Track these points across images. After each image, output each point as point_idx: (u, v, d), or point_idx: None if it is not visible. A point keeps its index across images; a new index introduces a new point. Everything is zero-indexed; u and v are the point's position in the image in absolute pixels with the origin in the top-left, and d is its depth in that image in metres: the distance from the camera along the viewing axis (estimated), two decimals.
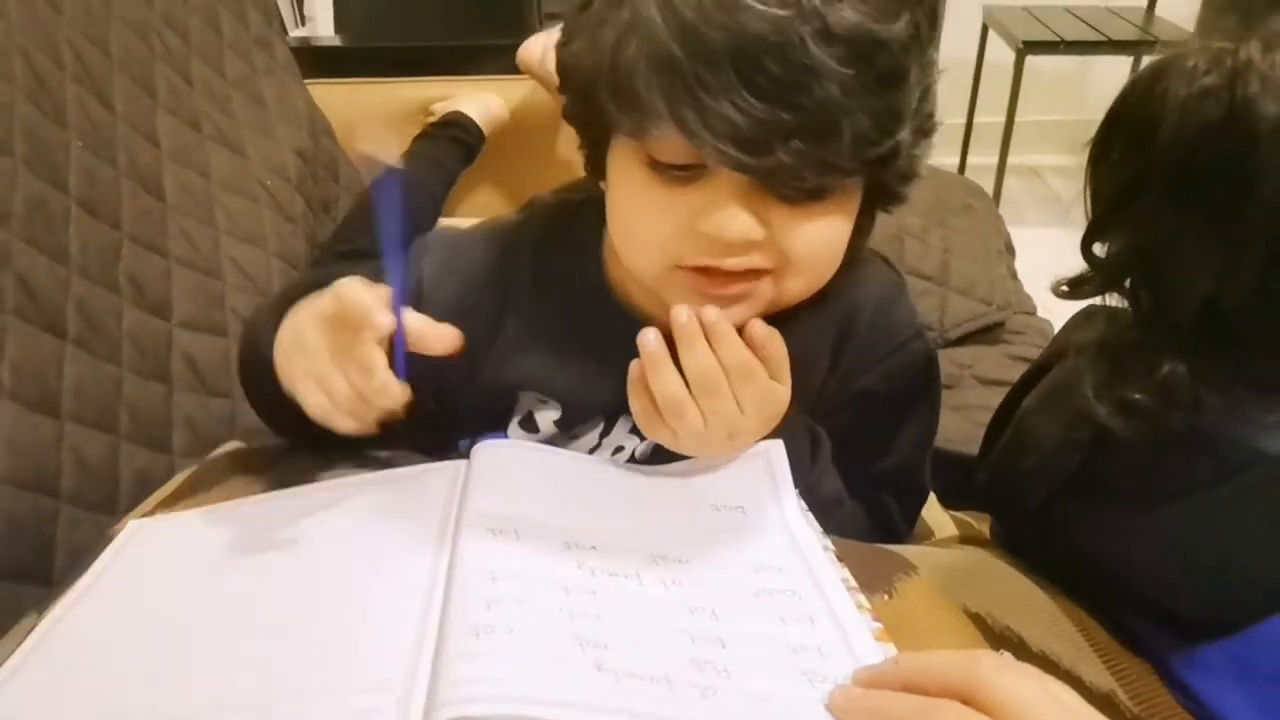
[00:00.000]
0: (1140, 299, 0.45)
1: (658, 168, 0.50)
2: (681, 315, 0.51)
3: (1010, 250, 1.31)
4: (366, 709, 0.37)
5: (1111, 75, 2.61)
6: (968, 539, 0.75)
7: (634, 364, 0.52)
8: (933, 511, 0.78)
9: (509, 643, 0.41)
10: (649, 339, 0.51)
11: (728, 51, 0.44)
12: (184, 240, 0.93)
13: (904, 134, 0.50)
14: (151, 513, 0.60)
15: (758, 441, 0.57)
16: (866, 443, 0.65)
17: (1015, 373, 1.10)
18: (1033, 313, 1.22)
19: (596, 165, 0.57)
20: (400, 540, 0.51)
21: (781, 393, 0.54)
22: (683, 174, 0.50)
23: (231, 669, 0.42)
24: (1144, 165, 0.42)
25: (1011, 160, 2.75)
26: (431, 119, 1.49)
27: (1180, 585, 0.49)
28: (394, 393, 0.49)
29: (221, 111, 1.11)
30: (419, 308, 0.60)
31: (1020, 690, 0.35)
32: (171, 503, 0.62)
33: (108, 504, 0.75)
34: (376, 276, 0.52)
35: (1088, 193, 0.46)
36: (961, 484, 0.74)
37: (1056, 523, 0.55)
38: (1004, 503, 0.63)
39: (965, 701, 0.35)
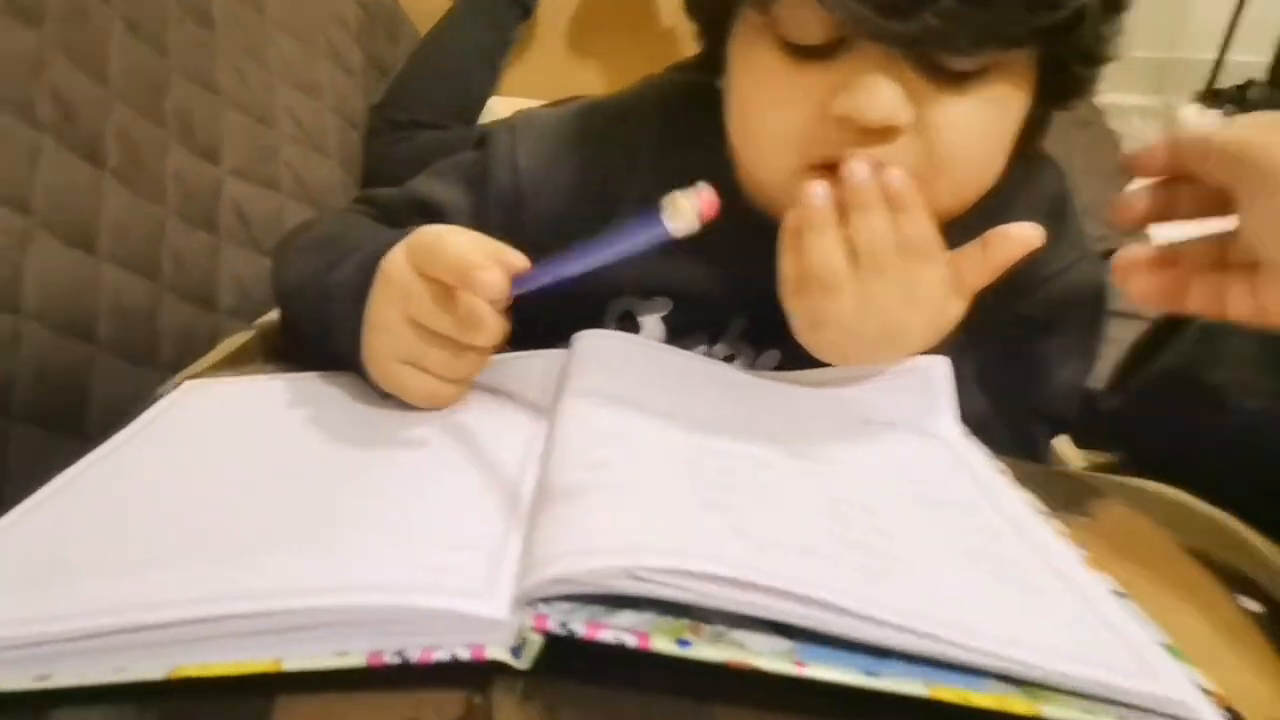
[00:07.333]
0: None
1: (789, 49, 0.42)
2: (860, 171, 0.42)
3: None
4: (448, 565, 0.30)
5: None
6: (1100, 467, 0.67)
7: (791, 214, 0.44)
8: (1059, 441, 0.70)
9: (619, 500, 0.33)
10: (817, 191, 0.42)
11: None
12: (237, 78, 0.84)
13: None
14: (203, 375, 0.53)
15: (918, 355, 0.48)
16: (1021, 373, 0.57)
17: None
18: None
19: (714, 56, 0.49)
20: (490, 417, 0.43)
21: (958, 306, 0.45)
22: (819, 53, 0.42)
23: (286, 511, 0.35)
24: None
25: None
26: None
27: None
28: (494, 330, 0.41)
29: None
30: (518, 206, 0.53)
31: None
32: (227, 366, 0.54)
33: (148, 357, 0.67)
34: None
35: None
36: (1083, 418, 0.67)
37: (1258, 444, 0.47)
38: (1174, 424, 0.54)
39: None
